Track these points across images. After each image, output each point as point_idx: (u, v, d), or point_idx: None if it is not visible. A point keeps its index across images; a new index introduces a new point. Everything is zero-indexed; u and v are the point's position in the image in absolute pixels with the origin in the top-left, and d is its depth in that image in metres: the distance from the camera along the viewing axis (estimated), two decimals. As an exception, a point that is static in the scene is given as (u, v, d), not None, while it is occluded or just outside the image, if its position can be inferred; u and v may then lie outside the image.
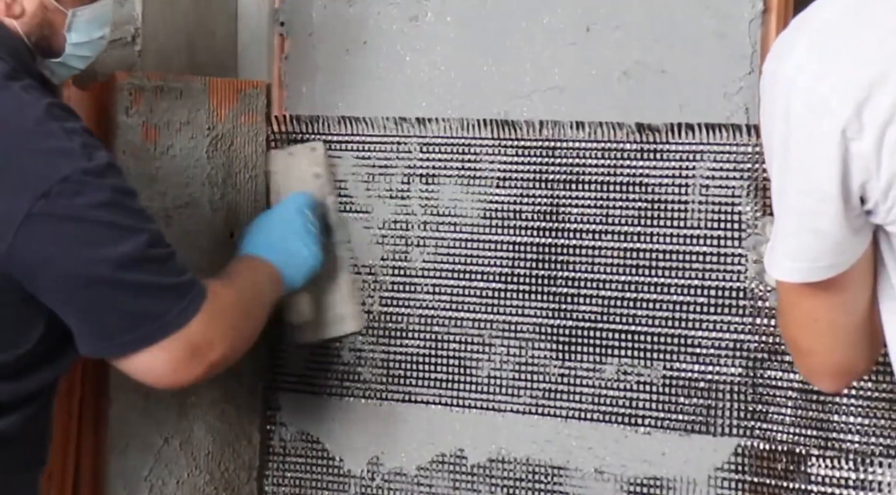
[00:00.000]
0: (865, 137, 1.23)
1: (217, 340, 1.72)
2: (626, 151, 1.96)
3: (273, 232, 2.01)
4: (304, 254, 2.00)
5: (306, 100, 2.19)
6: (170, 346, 1.68)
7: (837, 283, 1.35)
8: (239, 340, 1.80)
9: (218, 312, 1.73)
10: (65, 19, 1.73)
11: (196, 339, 1.69)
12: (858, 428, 1.82)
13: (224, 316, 1.74)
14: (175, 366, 1.69)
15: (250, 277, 1.91)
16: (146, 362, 1.68)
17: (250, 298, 1.86)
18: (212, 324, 1.71)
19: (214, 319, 1.72)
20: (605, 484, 1.99)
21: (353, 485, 2.16)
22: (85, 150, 1.62)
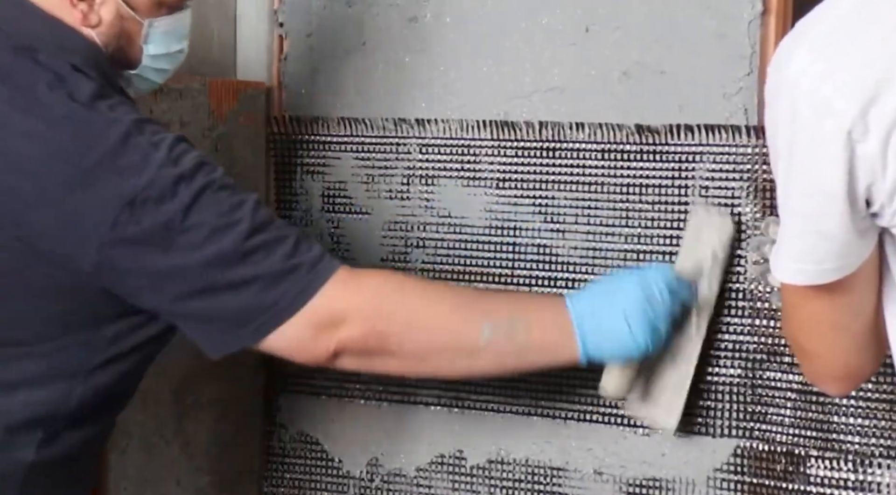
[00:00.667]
0: (871, 139, 1.23)
1: (354, 315, 1.64)
2: (625, 152, 1.96)
3: (600, 292, 1.74)
4: (623, 332, 1.70)
5: (306, 100, 2.19)
6: (302, 318, 1.62)
7: (843, 286, 1.34)
8: (393, 326, 1.66)
9: (355, 286, 1.64)
10: (141, 30, 1.70)
11: (327, 310, 1.62)
12: (858, 429, 1.82)
13: (363, 291, 1.65)
14: (307, 341, 1.63)
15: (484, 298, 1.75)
16: (274, 346, 1.64)
17: (440, 297, 1.70)
18: (346, 295, 1.63)
19: (348, 291, 1.63)
20: (605, 485, 1.99)
21: (352, 486, 2.16)
22: (170, 156, 1.59)
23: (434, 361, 1.70)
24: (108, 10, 1.68)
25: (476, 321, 1.67)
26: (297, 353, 1.66)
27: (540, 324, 1.71)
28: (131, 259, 1.59)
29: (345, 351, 1.65)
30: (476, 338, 1.68)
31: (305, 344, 1.64)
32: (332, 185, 2.17)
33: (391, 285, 1.68)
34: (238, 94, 2.16)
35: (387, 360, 1.68)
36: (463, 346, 1.69)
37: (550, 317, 1.71)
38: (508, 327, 1.68)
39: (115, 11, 1.68)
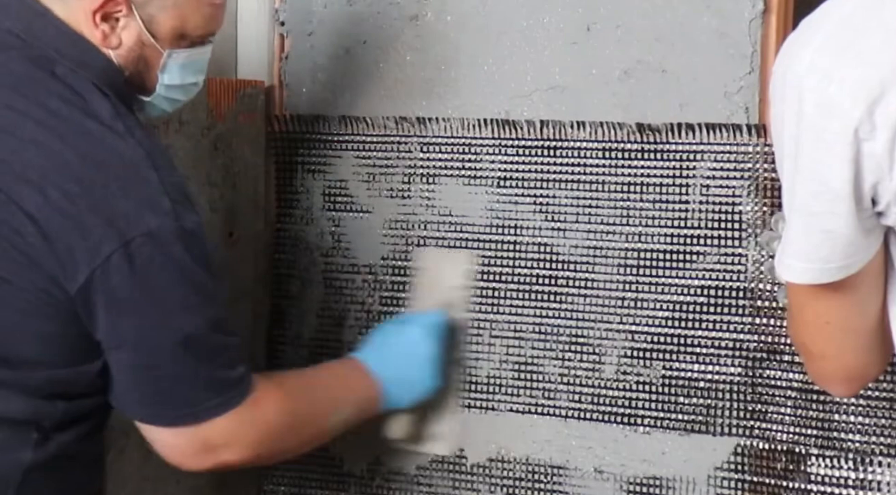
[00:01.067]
0: (878, 137, 1.23)
1: (238, 446, 1.70)
2: (626, 151, 1.97)
3: (395, 351, 1.96)
4: (420, 380, 1.96)
5: (306, 99, 2.19)
6: (184, 435, 1.67)
7: (849, 285, 1.34)
8: (273, 450, 1.77)
9: (250, 421, 1.70)
10: (160, 58, 1.70)
11: (212, 438, 1.68)
12: (859, 427, 1.83)
13: (257, 426, 1.71)
14: (182, 453, 1.69)
15: (330, 391, 1.87)
16: (159, 438, 1.69)
17: (311, 413, 1.82)
18: (238, 430, 1.69)
19: (243, 426, 1.70)
20: (605, 484, 1.99)
21: (352, 485, 2.16)
22: (175, 209, 1.60)
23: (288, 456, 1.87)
24: (129, 34, 1.68)
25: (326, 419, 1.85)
26: (172, 457, 1.71)
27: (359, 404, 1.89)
28: (106, 294, 1.59)
29: (218, 469, 1.74)
30: (324, 430, 1.86)
31: (185, 455, 1.70)
32: (333, 184, 2.17)
33: (282, 414, 1.74)
34: (238, 92, 2.16)
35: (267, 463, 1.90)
36: (314, 439, 1.86)
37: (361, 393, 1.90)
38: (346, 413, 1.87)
39: (136, 37, 1.68)
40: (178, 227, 1.59)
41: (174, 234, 1.59)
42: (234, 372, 1.68)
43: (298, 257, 2.20)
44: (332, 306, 2.17)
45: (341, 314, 2.17)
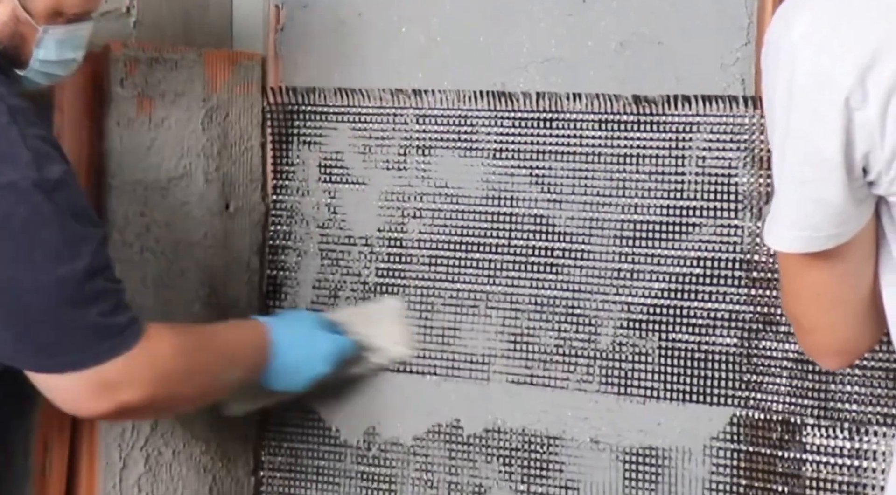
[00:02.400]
0: (869, 106, 1.23)
1: (135, 385, 1.70)
2: (622, 123, 1.97)
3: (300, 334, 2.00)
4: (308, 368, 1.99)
5: (302, 71, 2.18)
6: (79, 379, 1.66)
7: (839, 255, 1.34)
8: (171, 393, 1.77)
9: (145, 360, 1.70)
10: (35, 35, 1.69)
11: (109, 378, 1.67)
12: (855, 397, 1.83)
13: (153, 365, 1.71)
14: (79, 397, 1.68)
15: (228, 347, 1.89)
16: (55, 386, 1.68)
17: (207, 363, 1.84)
18: (133, 369, 1.69)
19: (138, 365, 1.69)
20: (601, 454, 2.00)
21: (349, 455, 2.17)
22: (36, 161, 1.60)
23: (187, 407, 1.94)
24: (4, 9, 1.67)
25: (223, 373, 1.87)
26: (71, 405, 1.71)
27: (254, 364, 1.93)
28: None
29: (121, 414, 1.73)
30: (221, 383, 1.88)
31: (83, 400, 1.69)
32: (329, 156, 2.17)
33: (177, 355, 1.76)
34: (234, 64, 2.16)
35: (154, 415, 1.94)
36: (210, 392, 1.89)
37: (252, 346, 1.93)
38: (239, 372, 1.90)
39: (10, 12, 1.67)
40: (39, 178, 1.59)
41: (36, 185, 1.59)
42: (120, 318, 1.68)
43: (294, 229, 2.20)
44: (328, 278, 2.17)
45: (337, 285, 2.17)
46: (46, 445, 1.91)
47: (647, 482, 1.97)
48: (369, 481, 2.15)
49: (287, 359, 1.95)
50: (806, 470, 1.86)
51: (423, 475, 2.11)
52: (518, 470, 2.05)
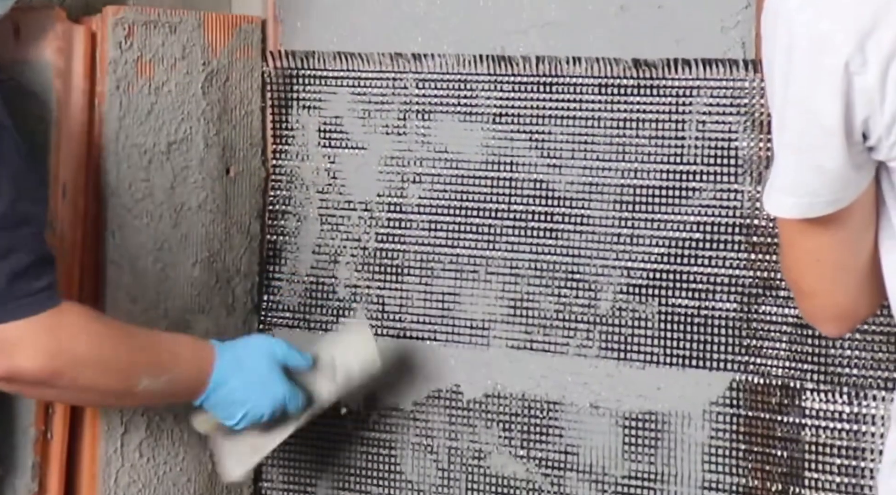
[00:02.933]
0: (869, 71, 1.22)
1: (33, 351, 1.64)
2: (622, 87, 1.96)
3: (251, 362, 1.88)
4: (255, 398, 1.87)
5: (301, 35, 2.18)
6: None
7: (839, 220, 1.34)
8: (72, 374, 1.68)
9: (49, 329, 1.65)
10: None
11: (6, 337, 1.62)
12: (855, 361, 1.83)
13: (56, 337, 1.65)
14: None
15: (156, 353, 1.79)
16: None
17: (123, 356, 1.74)
18: (35, 334, 1.63)
19: (41, 332, 1.64)
20: (601, 419, 2.00)
21: (349, 422, 2.17)
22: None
23: (89, 398, 1.82)
24: None
25: (139, 374, 1.76)
26: None
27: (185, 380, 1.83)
28: None
29: (12, 379, 1.66)
30: (133, 386, 1.76)
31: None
32: (329, 120, 2.16)
33: (87, 333, 1.69)
34: (233, 28, 2.15)
35: (49, 392, 1.74)
36: (120, 391, 1.77)
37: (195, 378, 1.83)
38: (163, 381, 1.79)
39: None
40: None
41: None
42: (37, 281, 1.63)
43: (294, 193, 2.20)
44: (327, 243, 2.17)
45: (337, 250, 2.17)
46: (48, 410, 1.92)
47: (646, 447, 1.97)
48: (369, 446, 2.16)
49: (227, 394, 1.84)
50: (805, 435, 1.86)
51: (423, 440, 2.12)
52: (518, 436, 2.06)
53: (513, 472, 2.06)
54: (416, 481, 2.12)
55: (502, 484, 2.07)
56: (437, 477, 2.11)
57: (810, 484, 1.86)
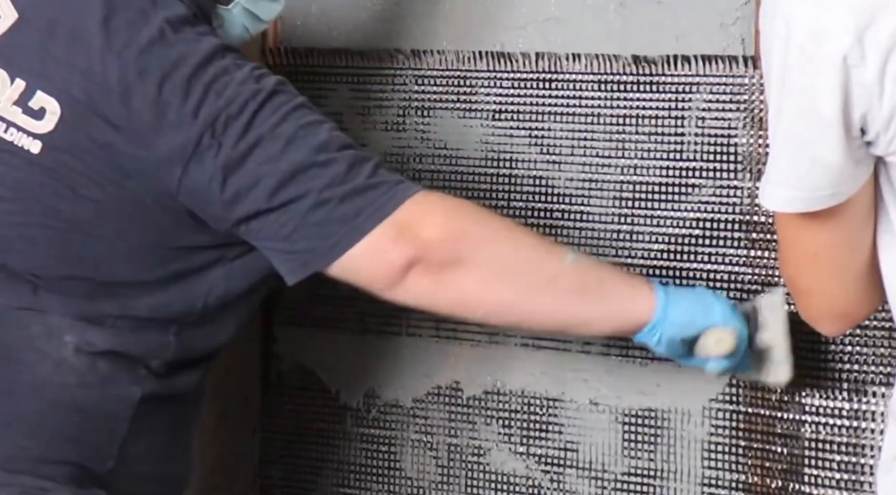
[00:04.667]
0: (867, 65, 1.22)
1: (432, 220, 1.61)
2: (622, 83, 1.96)
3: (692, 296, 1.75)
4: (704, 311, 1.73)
5: (301, 32, 2.18)
6: (371, 239, 1.60)
7: (837, 216, 1.34)
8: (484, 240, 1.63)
9: (436, 201, 1.64)
10: None
11: (400, 225, 1.60)
12: (856, 357, 1.83)
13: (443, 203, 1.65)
14: (379, 256, 1.61)
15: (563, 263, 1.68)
16: (351, 262, 1.62)
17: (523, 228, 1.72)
18: (423, 207, 1.61)
19: (429, 205, 1.62)
20: (600, 416, 2.00)
21: (349, 418, 2.17)
22: (252, 76, 1.61)
23: (512, 282, 1.65)
24: None
25: (559, 249, 1.68)
26: (375, 265, 1.61)
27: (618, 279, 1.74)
28: (210, 178, 1.59)
29: (421, 260, 1.61)
30: (559, 259, 1.66)
31: (383, 253, 1.61)
32: (328, 117, 2.15)
33: (473, 206, 1.69)
34: (232, 25, 2.14)
35: (462, 276, 1.62)
36: (545, 267, 1.66)
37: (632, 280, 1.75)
38: (591, 262, 1.72)
39: None
40: (259, 88, 1.61)
41: (256, 91, 1.60)
42: (392, 175, 1.65)
43: (294, 191, 2.19)
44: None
45: (337, 248, 2.17)
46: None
47: (646, 443, 1.97)
48: (369, 443, 2.16)
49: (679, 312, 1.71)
50: (805, 431, 1.86)
51: (423, 437, 2.12)
52: (517, 432, 2.06)
53: (512, 469, 2.06)
54: (416, 478, 2.12)
55: (502, 481, 2.07)
56: (436, 473, 2.11)
57: (810, 480, 1.86)
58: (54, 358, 1.64)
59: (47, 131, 1.62)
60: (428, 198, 1.64)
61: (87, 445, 1.66)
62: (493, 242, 1.65)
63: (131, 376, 1.67)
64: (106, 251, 1.65)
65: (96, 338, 1.66)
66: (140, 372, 1.68)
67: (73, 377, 1.65)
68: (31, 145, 1.63)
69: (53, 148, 1.62)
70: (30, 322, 1.66)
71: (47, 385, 1.64)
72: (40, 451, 1.64)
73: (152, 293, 1.68)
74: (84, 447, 1.66)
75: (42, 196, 1.63)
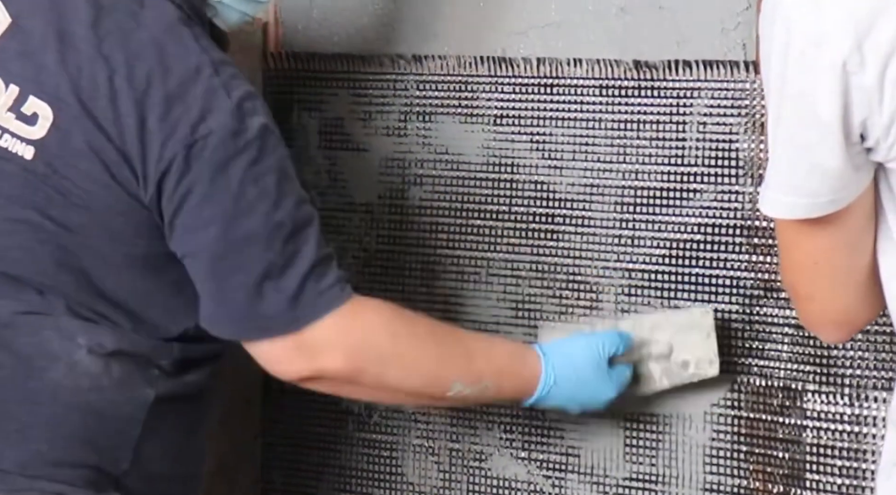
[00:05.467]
0: (867, 71, 1.22)
1: (337, 351, 1.66)
2: (623, 88, 1.96)
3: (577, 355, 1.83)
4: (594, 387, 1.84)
5: (302, 37, 2.18)
6: (274, 345, 1.65)
7: (837, 222, 1.33)
8: (374, 372, 1.69)
9: (349, 325, 1.66)
10: None
11: (311, 342, 1.65)
12: (858, 362, 1.83)
13: (356, 332, 1.67)
14: (277, 362, 1.67)
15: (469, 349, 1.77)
16: (252, 351, 1.68)
17: (425, 351, 1.73)
18: (337, 333, 1.65)
19: (342, 330, 1.65)
20: (602, 421, 2.00)
21: (350, 423, 2.17)
22: (238, 111, 1.60)
23: (400, 398, 1.84)
24: None
25: (449, 378, 1.73)
26: (271, 367, 1.69)
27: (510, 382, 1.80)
28: (170, 201, 1.60)
29: (320, 378, 1.69)
30: (445, 390, 1.74)
31: (283, 363, 1.67)
32: (329, 122, 2.16)
33: (386, 329, 1.70)
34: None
35: (356, 390, 1.75)
36: (432, 394, 1.77)
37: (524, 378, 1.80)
38: (479, 388, 1.76)
39: None
40: (241, 128, 1.60)
41: (237, 135, 1.59)
42: (327, 278, 1.65)
43: (295, 196, 2.19)
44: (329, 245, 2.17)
45: (339, 253, 2.14)
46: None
47: (647, 448, 1.97)
48: (371, 448, 2.16)
49: (554, 402, 1.83)
50: (807, 437, 1.86)
51: (425, 442, 2.12)
52: (519, 437, 2.05)
53: (514, 474, 2.06)
54: (418, 483, 2.12)
55: (503, 486, 2.06)
56: (438, 478, 2.11)
57: (811, 485, 1.86)
58: (67, 361, 1.65)
59: (40, 137, 1.62)
60: (345, 321, 1.65)
61: (103, 447, 1.67)
62: (388, 376, 1.71)
63: (144, 377, 1.68)
64: (102, 255, 1.65)
65: (106, 339, 1.66)
66: (152, 373, 1.68)
67: (87, 380, 1.65)
68: (25, 151, 1.63)
69: (45, 153, 1.62)
70: (41, 326, 1.66)
71: (61, 389, 1.65)
72: (56, 455, 1.64)
73: (152, 293, 1.68)
74: (99, 449, 1.66)
75: (36, 202, 1.64)
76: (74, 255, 1.64)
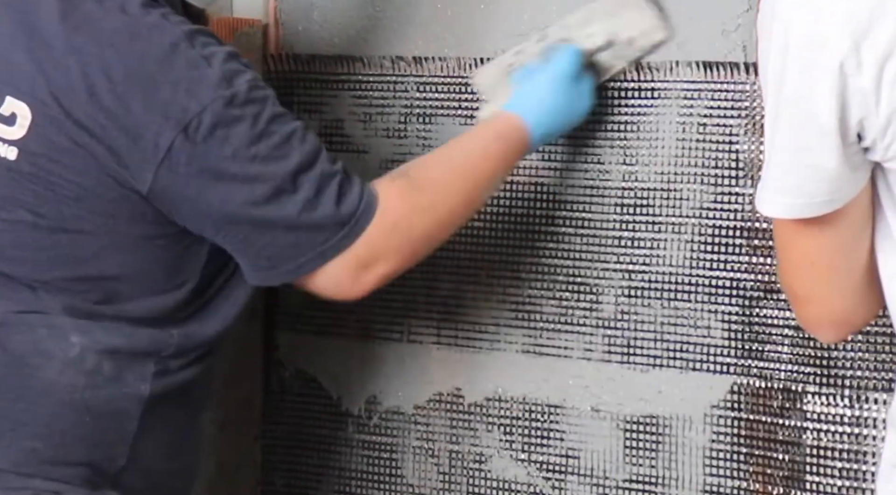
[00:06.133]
0: (864, 73, 1.22)
1: (388, 255, 1.70)
2: (623, 89, 1.96)
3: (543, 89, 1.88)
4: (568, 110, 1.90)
5: (302, 38, 2.18)
6: (334, 269, 1.67)
7: (834, 222, 1.34)
8: (421, 246, 1.75)
9: (389, 228, 1.69)
10: None
11: (362, 256, 1.67)
12: (858, 363, 1.83)
13: (397, 230, 1.70)
14: (341, 285, 1.69)
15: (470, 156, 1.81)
16: (313, 284, 1.69)
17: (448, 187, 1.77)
18: (381, 240, 1.68)
19: (385, 235, 1.69)
20: (602, 423, 2.00)
21: (350, 424, 2.17)
22: (224, 77, 1.60)
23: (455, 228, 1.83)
24: None
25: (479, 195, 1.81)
26: (336, 291, 1.71)
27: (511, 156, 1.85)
28: (183, 185, 1.60)
29: (384, 282, 1.73)
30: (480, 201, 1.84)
31: (346, 283, 1.69)
32: (329, 124, 2.16)
33: (414, 207, 1.72)
34: (234, 31, 2.15)
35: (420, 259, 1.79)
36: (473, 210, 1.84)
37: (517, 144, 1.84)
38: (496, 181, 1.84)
39: None
40: (230, 94, 1.60)
41: (230, 103, 1.59)
42: (353, 190, 1.67)
43: (296, 197, 2.19)
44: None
45: (339, 254, 2.17)
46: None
47: (647, 450, 1.97)
48: (370, 450, 2.16)
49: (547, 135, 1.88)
50: (807, 438, 1.86)
51: (424, 444, 2.12)
52: (519, 439, 2.05)
53: (514, 476, 2.06)
54: (417, 485, 2.12)
55: (503, 488, 2.06)
56: (438, 480, 2.11)
57: (811, 487, 1.86)
58: (61, 359, 1.65)
59: (20, 137, 1.61)
60: (384, 224, 1.68)
61: (98, 445, 1.67)
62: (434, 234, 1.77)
63: (138, 373, 1.68)
64: (96, 248, 1.64)
65: (101, 336, 1.66)
66: (147, 369, 1.69)
67: (81, 378, 1.65)
68: (8, 152, 1.62)
69: (29, 153, 1.62)
70: (35, 324, 1.66)
71: (55, 387, 1.65)
72: (51, 454, 1.64)
73: (147, 284, 1.68)
74: (95, 447, 1.66)
75: (25, 201, 1.63)
76: (69, 250, 1.64)
